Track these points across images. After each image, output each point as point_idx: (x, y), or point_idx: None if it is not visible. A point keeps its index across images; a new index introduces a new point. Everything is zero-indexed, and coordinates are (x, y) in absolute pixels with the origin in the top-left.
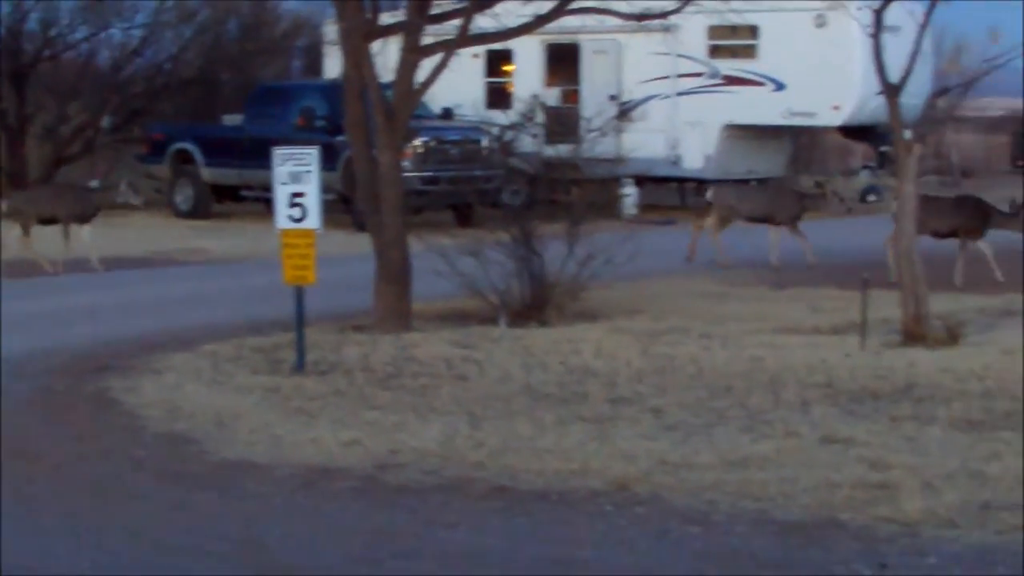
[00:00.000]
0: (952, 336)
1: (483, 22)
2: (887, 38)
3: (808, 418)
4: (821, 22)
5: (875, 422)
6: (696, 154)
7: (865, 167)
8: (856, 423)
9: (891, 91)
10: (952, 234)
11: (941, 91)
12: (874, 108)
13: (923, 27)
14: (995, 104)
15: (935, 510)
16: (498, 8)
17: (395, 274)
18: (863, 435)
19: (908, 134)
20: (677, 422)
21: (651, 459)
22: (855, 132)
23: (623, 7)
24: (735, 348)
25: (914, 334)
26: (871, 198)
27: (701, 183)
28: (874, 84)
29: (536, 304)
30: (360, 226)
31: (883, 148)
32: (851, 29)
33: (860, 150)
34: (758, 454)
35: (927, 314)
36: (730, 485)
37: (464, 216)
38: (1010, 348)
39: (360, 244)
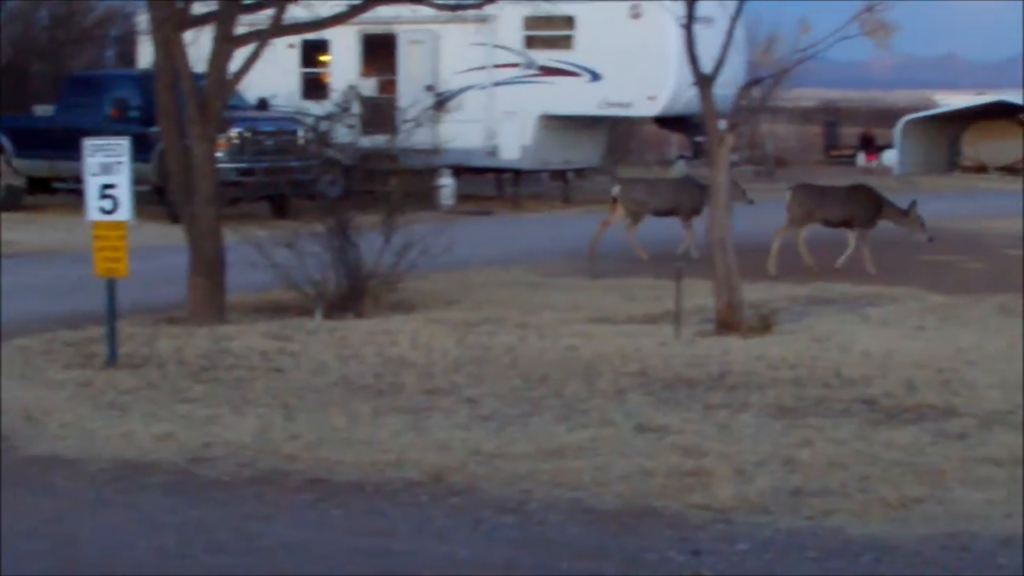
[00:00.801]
0: (764, 324)
1: (297, 12)
2: (700, 29)
3: (623, 407)
4: (636, 13)
5: (689, 410)
6: (513, 144)
7: (681, 157)
8: (670, 411)
9: (704, 82)
10: (844, 224)
11: (753, 82)
12: (689, 98)
13: (734, 18)
14: (808, 95)
15: (747, 496)
16: None
17: (209, 266)
18: (677, 423)
19: (721, 124)
20: (493, 412)
21: (466, 449)
22: (671, 122)
23: None
24: (551, 338)
25: (728, 322)
26: None
27: (518, 173)
28: (689, 75)
29: (352, 295)
30: (174, 218)
31: (698, 138)
32: (666, 20)
33: (676, 140)
34: (573, 443)
35: (740, 303)
36: (545, 474)
37: (280, 207)
38: (821, 335)
39: (175, 236)
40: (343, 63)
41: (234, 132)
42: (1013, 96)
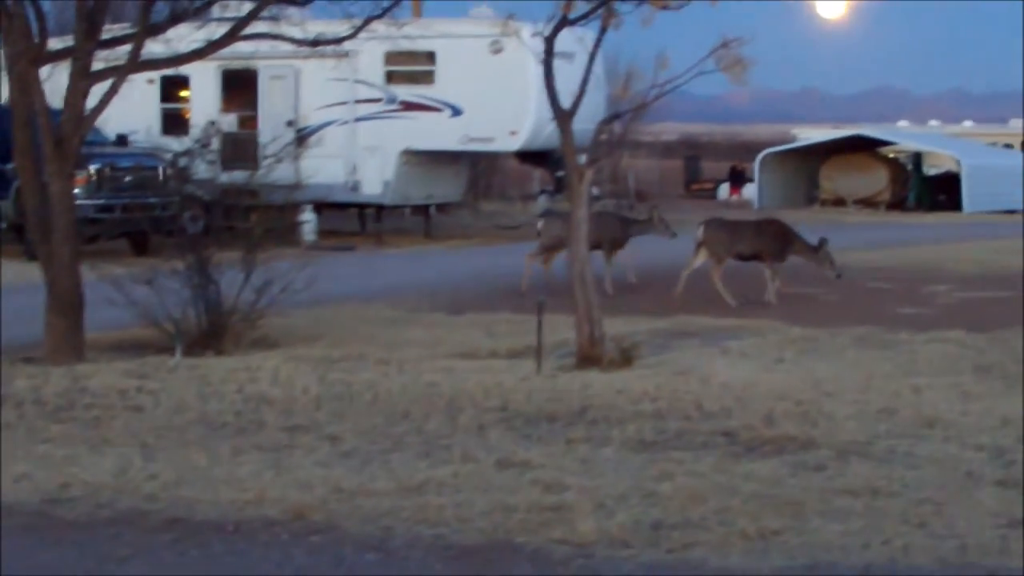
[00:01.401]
0: (626, 358)
1: (155, 47)
2: (560, 64)
3: (485, 442)
4: (496, 48)
5: (550, 445)
6: (375, 180)
7: (543, 192)
8: (532, 446)
9: (563, 117)
10: (754, 257)
11: (612, 116)
12: (550, 133)
13: (592, 53)
14: (670, 129)
15: (608, 531)
16: (171, 33)
17: (67, 304)
18: (539, 458)
19: (582, 159)
20: (354, 449)
21: (327, 487)
22: (532, 157)
23: (297, 32)
24: (413, 374)
25: (589, 356)
26: None
27: (380, 208)
28: (550, 110)
29: (213, 333)
30: (32, 255)
31: (559, 173)
32: (526, 55)
33: (538, 175)
34: (435, 479)
35: (602, 336)
36: (407, 511)
37: (140, 244)
38: (682, 368)
39: (32, 274)
40: (203, 99)
41: (92, 168)
42: (870, 130)
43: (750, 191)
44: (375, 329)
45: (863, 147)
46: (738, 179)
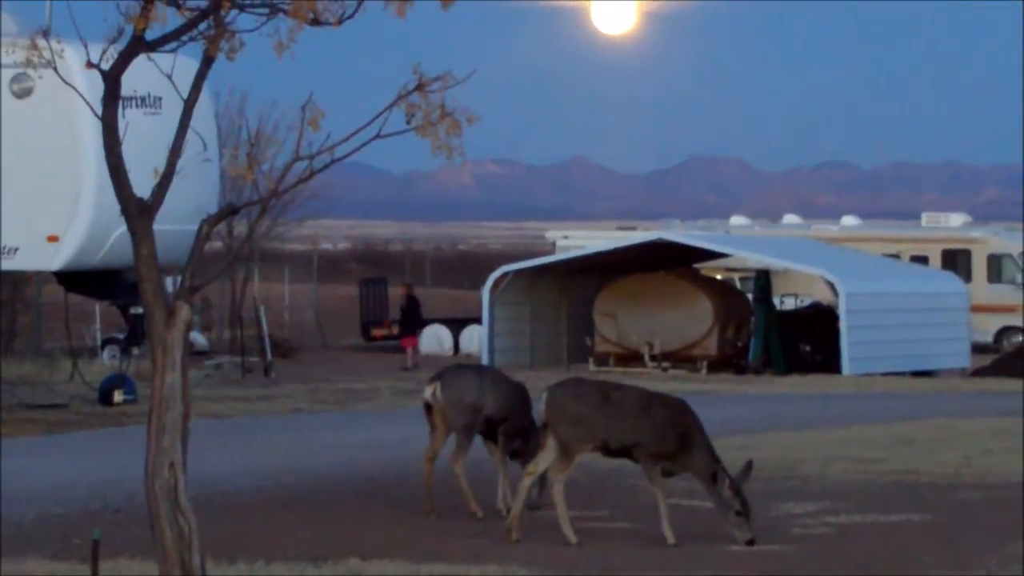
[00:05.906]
0: None
1: None
2: (138, 118)
3: None
4: (22, 88)
5: None
6: None
7: (108, 342)
8: None
9: (140, 212)
10: (624, 453)
11: (226, 211)
12: (119, 240)
13: (190, 100)
14: (334, 231)
15: None
16: None
17: None
18: None
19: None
20: None
21: None
22: (89, 282)
23: None
24: None
25: None
26: (120, 397)
27: None
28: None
29: None
30: None
31: (135, 310)
32: (75, 101)
33: (100, 313)
34: None
35: None
36: None
37: None
38: None
39: None
40: None
41: None
42: (678, 231)
43: (431, 339)
44: None
45: (669, 260)
46: (412, 317)
